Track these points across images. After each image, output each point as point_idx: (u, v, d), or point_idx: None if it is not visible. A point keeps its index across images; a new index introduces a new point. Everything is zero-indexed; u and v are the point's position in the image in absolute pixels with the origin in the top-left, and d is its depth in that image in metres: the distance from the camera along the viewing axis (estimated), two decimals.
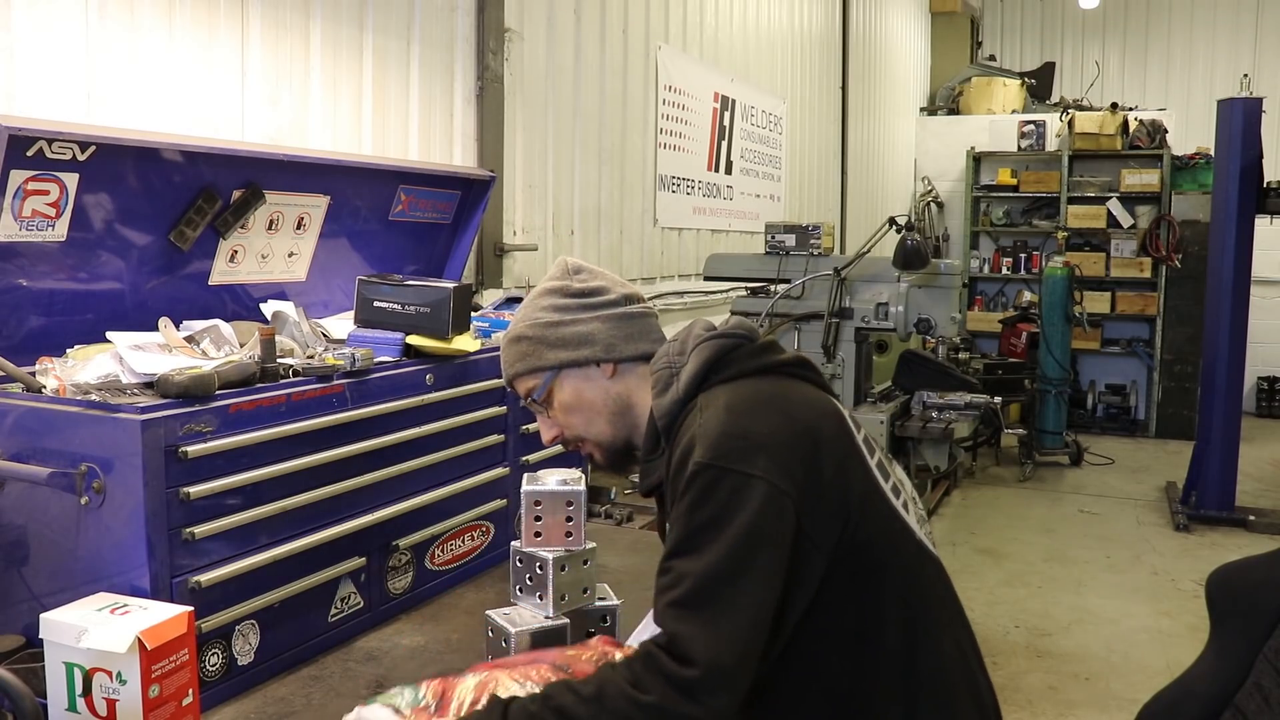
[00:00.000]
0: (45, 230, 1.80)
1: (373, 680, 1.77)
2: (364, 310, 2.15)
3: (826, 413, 1.42)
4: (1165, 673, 3.64)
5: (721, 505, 1.26)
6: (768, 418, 1.34)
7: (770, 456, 1.29)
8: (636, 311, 1.56)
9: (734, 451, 1.29)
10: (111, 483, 1.54)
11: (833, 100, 7.87)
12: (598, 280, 1.57)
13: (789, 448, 1.31)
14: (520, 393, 1.60)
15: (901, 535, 1.40)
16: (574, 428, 1.58)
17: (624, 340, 1.53)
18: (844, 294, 4.41)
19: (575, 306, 1.54)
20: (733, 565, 1.24)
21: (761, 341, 1.48)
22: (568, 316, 1.53)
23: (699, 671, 1.19)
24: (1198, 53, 10.93)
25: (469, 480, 2.24)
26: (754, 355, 1.45)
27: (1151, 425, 8.92)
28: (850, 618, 1.34)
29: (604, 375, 1.54)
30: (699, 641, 1.21)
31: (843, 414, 1.45)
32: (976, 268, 9.67)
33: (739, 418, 1.33)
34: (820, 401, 1.45)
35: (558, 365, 1.53)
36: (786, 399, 1.40)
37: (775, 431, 1.32)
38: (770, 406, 1.37)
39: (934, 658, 1.38)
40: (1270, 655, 1.31)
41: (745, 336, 1.47)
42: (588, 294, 1.55)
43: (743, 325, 1.50)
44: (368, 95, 2.86)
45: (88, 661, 1.38)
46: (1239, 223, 6.00)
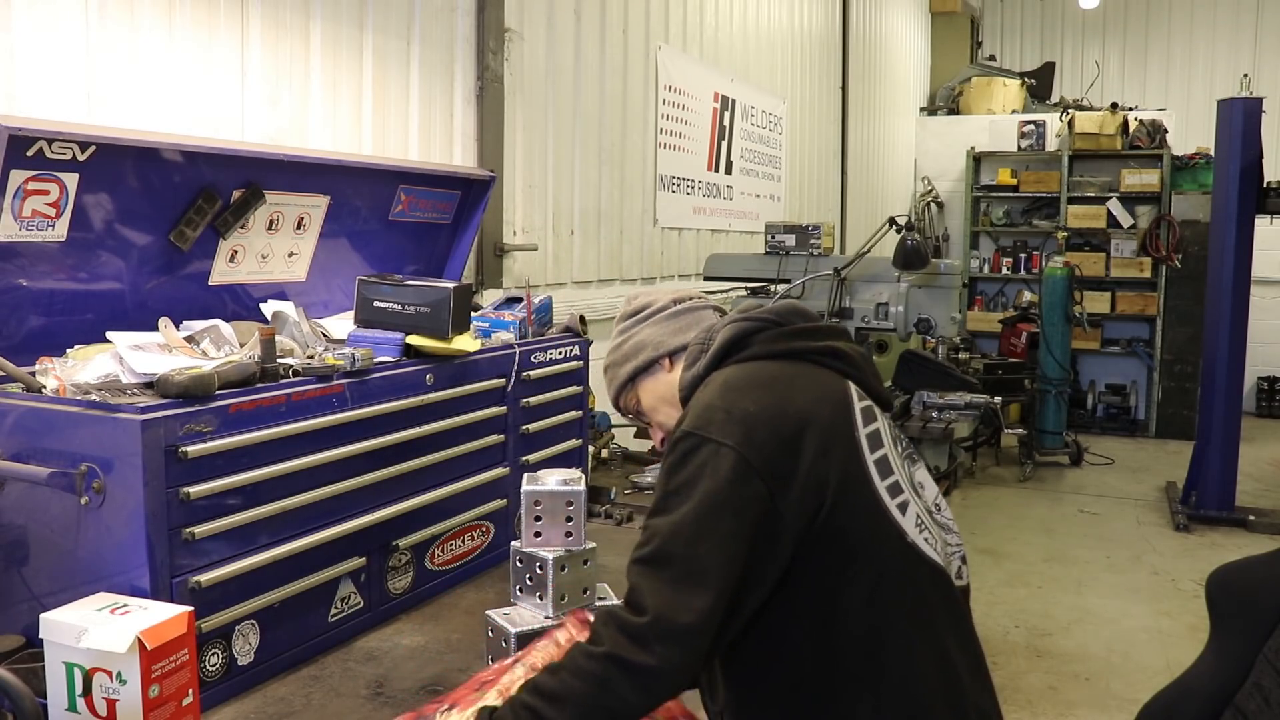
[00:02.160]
0: (45, 230, 1.80)
1: (373, 680, 1.77)
2: (364, 310, 2.15)
3: (832, 401, 1.44)
4: (1165, 672, 3.64)
5: (694, 471, 1.33)
6: (758, 396, 1.39)
7: (748, 431, 1.34)
8: (683, 309, 1.70)
9: (714, 423, 1.35)
10: (111, 483, 1.54)
11: (833, 100, 7.87)
12: (648, 299, 1.74)
13: (770, 425, 1.35)
14: (624, 412, 1.76)
15: (886, 533, 1.39)
16: (664, 424, 1.68)
17: (672, 334, 1.66)
18: (844, 294, 4.41)
19: (630, 325, 1.72)
20: (695, 528, 1.29)
21: (797, 326, 1.52)
22: (625, 335, 1.71)
23: (649, 619, 1.25)
24: (1198, 53, 10.93)
25: (469, 480, 2.24)
26: (775, 339, 1.50)
27: (1151, 425, 8.92)
28: (818, 602, 1.37)
29: (664, 370, 1.67)
30: (653, 594, 1.27)
31: (851, 405, 1.45)
32: (976, 268, 9.67)
33: (730, 393, 1.40)
34: (831, 389, 1.46)
35: (629, 376, 1.69)
36: (790, 382, 1.44)
37: (761, 409, 1.37)
38: (766, 387, 1.41)
39: (905, 662, 1.37)
40: (1270, 655, 1.31)
41: (771, 321, 1.53)
42: (638, 311, 1.72)
43: (783, 309, 1.56)
44: (368, 95, 2.86)
45: (88, 661, 1.38)
46: (1239, 223, 6.00)
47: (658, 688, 1.26)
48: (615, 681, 1.24)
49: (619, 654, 1.25)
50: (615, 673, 1.25)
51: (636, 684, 1.24)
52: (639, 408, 1.71)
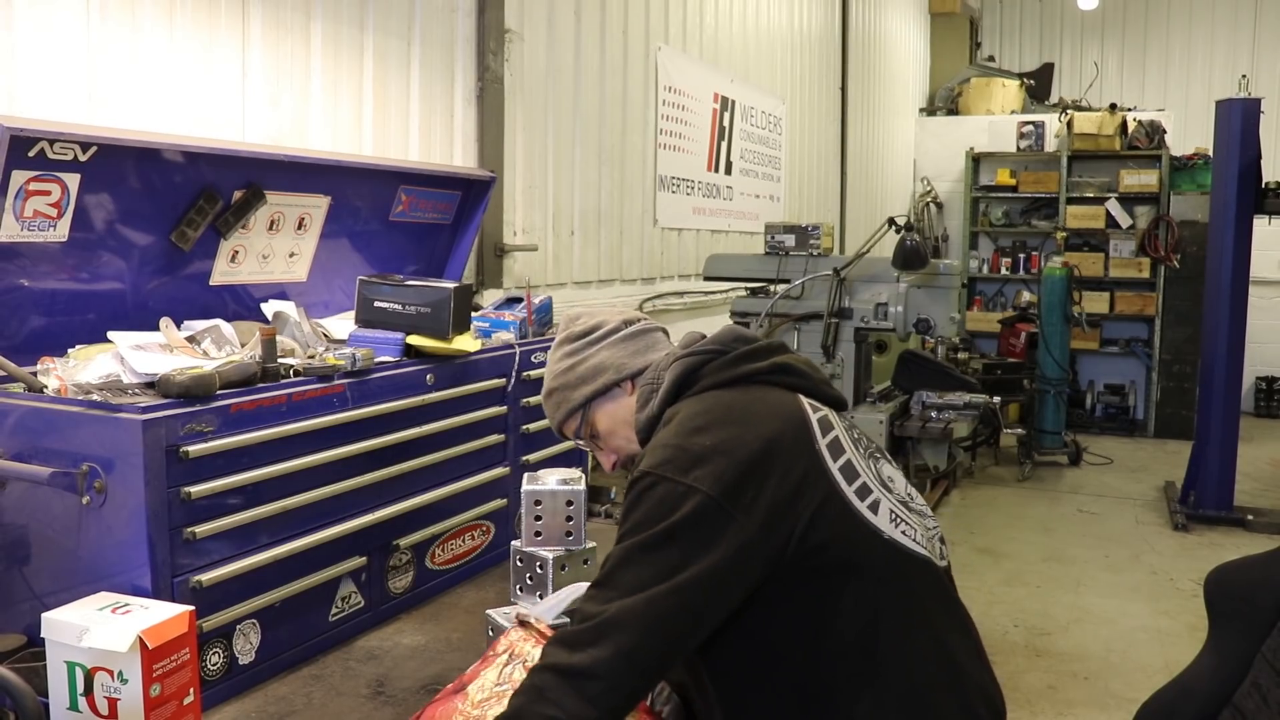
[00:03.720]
0: (47, 231, 1.80)
1: (373, 679, 1.78)
2: (365, 310, 2.15)
3: (788, 419, 1.44)
4: (1164, 672, 3.64)
5: (651, 509, 1.33)
6: (716, 430, 1.39)
7: (707, 467, 1.33)
8: (636, 330, 1.68)
9: (671, 462, 1.35)
10: (113, 482, 1.54)
11: (832, 100, 7.87)
12: (594, 319, 1.70)
13: (729, 457, 1.35)
14: (569, 437, 1.71)
15: (863, 536, 1.40)
16: (621, 448, 1.66)
17: (631, 357, 1.64)
18: (843, 294, 4.41)
19: (581, 346, 1.67)
20: (645, 556, 1.30)
21: (740, 351, 1.53)
22: (578, 357, 1.66)
23: (583, 625, 1.28)
24: (1196, 53, 10.94)
25: (469, 480, 2.25)
26: (723, 368, 1.51)
27: (1150, 425, 8.93)
28: (807, 613, 1.37)
29: (626, 393, 1.64)
30: (593, 606, 1.29)
31: (807, 419, 1.45)
32: (976, 268, 9.67)
33: (687, 432, 1.40)
34: (785, 408, 1.46)
35: (585, 400, 1.65)
36: (747, 409, 1.44)
37: (720, 443, 1.36)
38: (722, 418, 1.41)
39: (902, 655, 1.38)
40: (1268, 654, 1.31)
41: (716, 351, 1.53)
42: (588, 332, 1.68)
43: (723, 336, 1.56)
44: (368, 96, 2.86)
45: (89, 660, 1.39)
46: (1237, 223, 6.00)
47: (592, 689, 1.24)
48: (550, 689, 1.25)
49: (554, 661, 1.27)
50: (550, 678, 1.26)
51: (570, 687, 1.24)
52: (593, 432, 1.67)
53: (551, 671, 1.26)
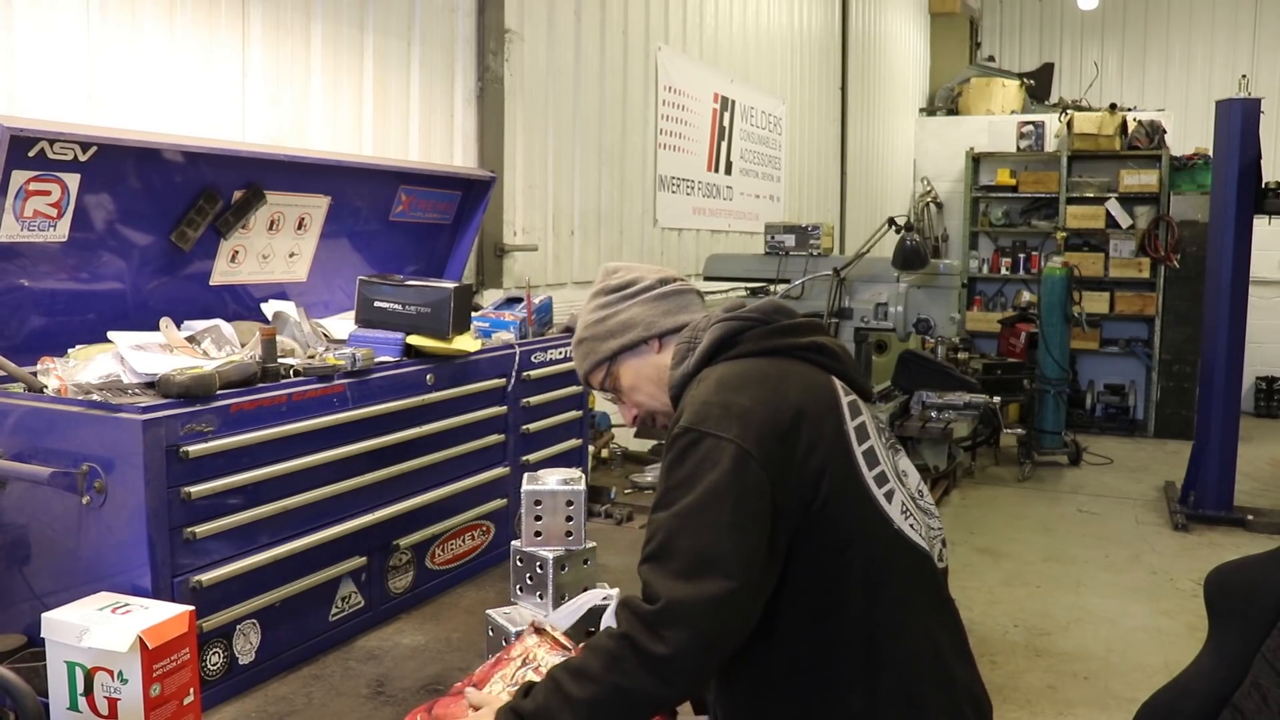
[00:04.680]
0: (47, 231, 1.80)
1: (373, 679, 1.78)
2: (365, 310, 2.15)
3: (820, 395, 1.47)
4: (1164, 672, 3.65)
5: (695, 465, 1.36)
6: (752, 392, 1.42)
7: (745, 425, 1.37)
8: (671, 290, 1.69)
9: (712, 418, 1.38)
10: (113, 482, 1.54)
11: (832, 101, 7.87)
12: (632, 274, 1.72)
13: (766, 419, 1.38)
14: (595, 387, 1.75)
15: (874, 521, 1.43)
16: (642, 404, 1.69)
17: (663, 316, 1.66)
18: (843, 294, 4.41)
19: (615, 300, 1.69)
20: (698, 519, 1.32)
21: (781, 324, 1.55)
22: (610, 310, 1.69)
23: (659, 606, 1.28)
24: (1196, 53, 10.94)
25: (469, 480, 2.25)
26: (763, 337, 1.53)
27: (1150, 425, 8.93)
28: (813, 592, 1.40)
29: (653, 351, 1.66)
30: (663, 583, 1.30)
31: (838, 399, 1.49)
32: (976, 268, 9.67)
33: (725, 390, 1.43)
34: (818, 384, 1.49)
35: (612, 353, 1.67)
36: (782, 378, 1.47)
37: (755, 404, 1.40)
38: (759, 383, 1.44)
39: (898, 644, 1.41)
40: (1268, 654, 1.31)
41: (759, 319, 1.55)
42: (624, 286, 1.70)
43: (765, 307, 1.58)
44: (368, 95, 2.86)
45: (89, 660, 1.39)
46: (1237, 223, 6.00)
47: (671, 674, 1.27)
48: (627, 663, 1.27)
49: (633, 636, 1.28)
50: (628, 654, 1.27)
51: (649, 669, 1.26)
52: (616, 385, 1.70)
53: (629, 645, 1.27)
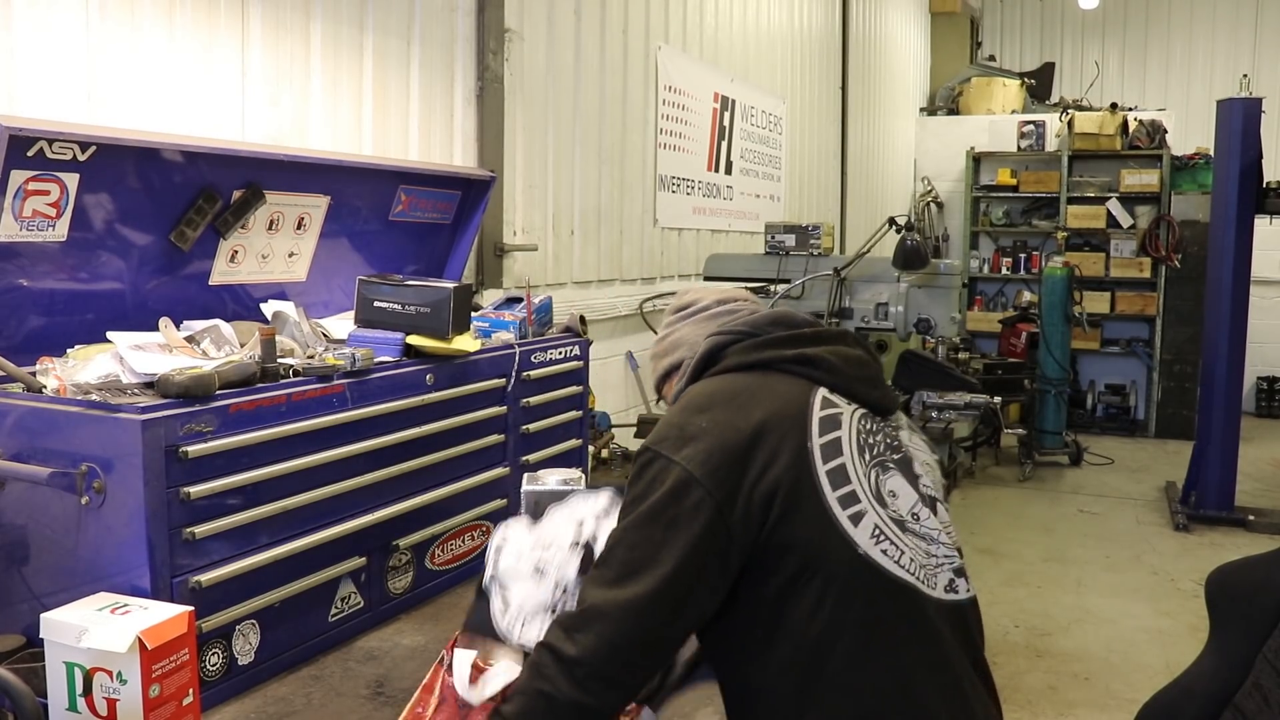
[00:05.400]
0: (46, 230, 1.80)
1: (373, 680, 1.77)
2: (364, 310, 2.15)
3: (788, 412, 1.43)
4: (1165, 672, 3.64)
5: (646, 484, 1.39)
6: (714, 413, 1.43)
7: (695, 447, 1.38)
8: (723, 310, 1.73)
9: (668, 439, 1.41)
10: (112, 483, 1.54)
11: (833, 100, 7.87)
12: (693, 295, 1.79)
13: (720, 441, 1.38)
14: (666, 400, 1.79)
15: (833, 544, 1.36)
16: None
17: (705, 336, 1.66)
18: (844, 294, 4.41)
19: (675, 320, 1.77)
20: (635, 534, 1.36)
21: (769, 336, 1.54)
22: (669, 330, 1.77)
23: (579, 610, 1.34)
24: (1197, 53, 10.93)
25: (469, 480, 2.24)
26: (747, 350, 1.54)
27: (1151, 425, 8.92)
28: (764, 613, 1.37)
29: None
30: (590, 589, 1.36)
31: (809, 414, 1.43)
32: (976, 268, 9.67)
33: (687, 411, 1.45)
34: (791, 400, 1.45)
35: (666, 370, 1.76)
36: (750, 395, 1.45)
37: (712, 425, 1.41)
38: (726, 402, 1.45)
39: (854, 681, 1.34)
40: (1270, 655, 1.31)
41: (746, 333, 1.55)
42: (684, 308, 1.77)
43: (760, 319, 1.59)
44: (368, 95, 2.86)
45: (88, 661, 1.38)
46: (1238, 223, 5.99)
47: (583, 677, 1.29)
48: (548, 668, 1.31)
49: (551, 641, 1.34)
50: (548, 659, 1.32)
51: (564, 672, 1.30)
52: (662, 397, 1.79)
53: (548, 651, 1.33)
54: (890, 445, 1.51)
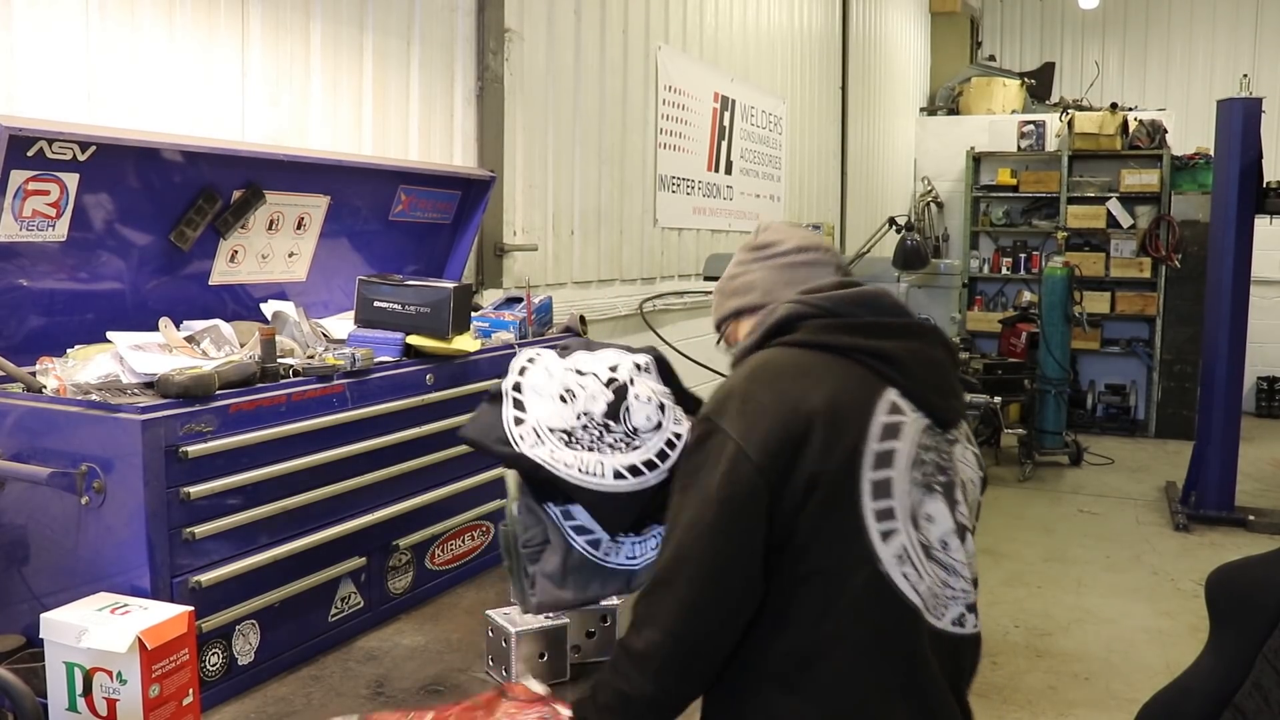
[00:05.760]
0: (45, 230, 1.80)
1: (373, 680, 1.77)
2: (364, 310, 2.15)
3: (852, 406, 1.38)
4: (1165, 672, 3.64)
5: (703, 457, 1.36)
6: (779, 388, 1.38)
7: (754, 424, 1.34)
8: (803, 260, 1.61)
9: (728, 411, 1.37)
10: (112, 483, 1.54)
11: (833, 100, 7.87)
12: (775, 235, 1.65)
13: (778, 421, 1.34)
14: (720, 335, 1.71)
15: (856, 555, 1.34)
16: None
17: (783, 285, 1.57)
18: None
19: (749, 259, 1.64)
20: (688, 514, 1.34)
21: (851, 320, 1.45)
22: (741, 269, 1.64)
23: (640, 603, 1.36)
24: (1197, 53, 10.93)
25: (469, 480, 2.24)
26: (824, 330, 1.45)
27: (1151, 425, 8.93)
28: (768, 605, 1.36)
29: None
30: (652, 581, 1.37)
31: (872, 416, 1.38)
32: (976, 268, 9.67)
33: (753, 381, 1.40)
34: (857, 396, 1.39)
35: (733, 311, 1.64)
36: (817, 378, 1.39)
37: (774, 402, 1.36)
38: (791, 379, 1.39)
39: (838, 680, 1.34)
40: (1269, 655, 1.31)
41: (828, 310, 1.46)
42: (762, 247, 1.64)
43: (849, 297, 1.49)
44: (368, 95, 2.86)
45: (88, 661, 1.38)
46: (1239, 223, 6.00)
47: (654, 671, 1.32)
48: (621, 663, 1.34)
49: (625, 638, 1.36)
50: (620, 654, 1.35)
51: (638, 666, 1.32)
52: (732, 341, 1.66)
53: (621, 647, 1.36)
54: (940, 466, 1.44)
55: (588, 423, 1.48)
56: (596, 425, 1.49)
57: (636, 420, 1.52)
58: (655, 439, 1.52)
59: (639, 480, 1.48)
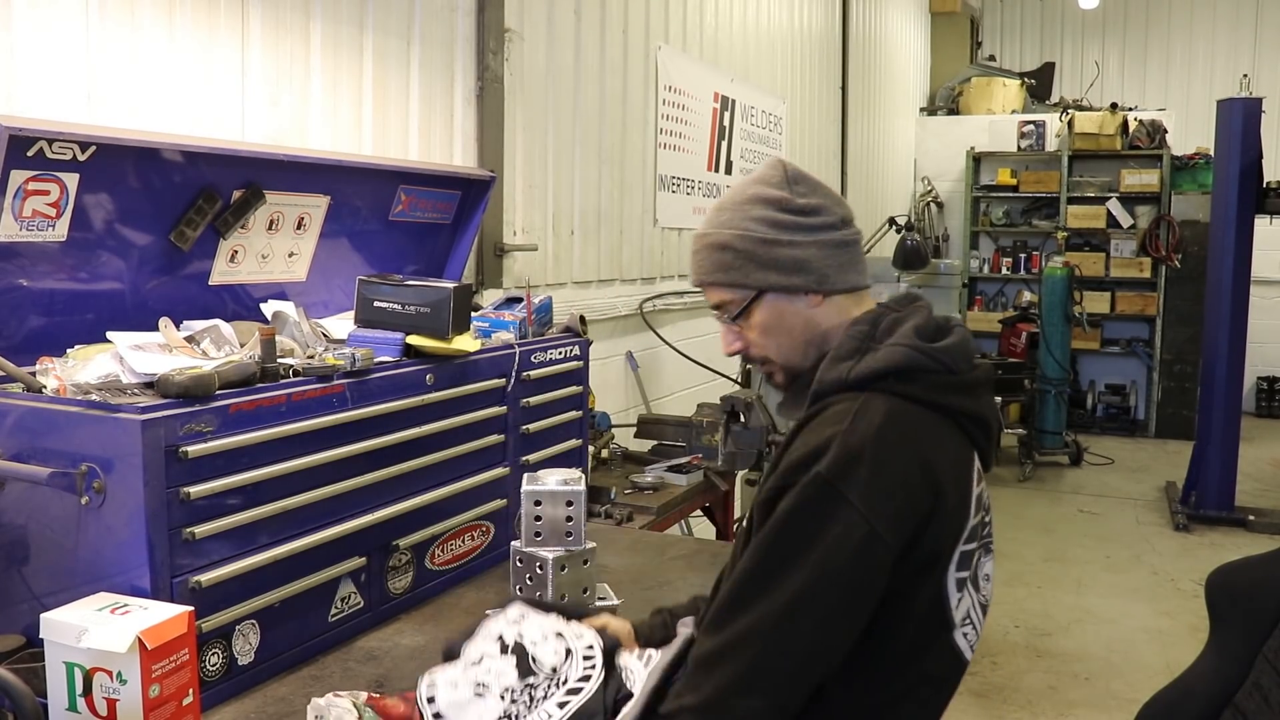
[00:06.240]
0: (45, 230, 1.80)
1: (373, 680, 1.77)
2: (364, 310, 2.15)
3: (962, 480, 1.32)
4: (1165, 672, 3.64)
5: (818, 526, 1.21)
6: (908, 456, 1.25)
7: (889, 501, 1.22)
8: (851, 238, 1.44)
9: (856, 480, 1.21)
10: (112, 483, 1.54)
11: (833, 100, 7.87)
12: (818, 196, 1.43)
13: (913, 497, 1.24)
14: (710, 300, 1.48)
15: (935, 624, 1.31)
16: (764, 349, 1.46)
17: (837, 270, 1.41)
18: None
19: (793, 225, 1.40)
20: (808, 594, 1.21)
21: (961, 379, 1.34)
22: (784, 236, 1.39)
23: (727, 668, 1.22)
24: (1197, 53, 10.94)
25: (469, 480, 2.24)
26: (939, 389, 1.32)
27: (1151, 425, 8.93)
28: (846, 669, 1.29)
29: (810, 304, 1.42)
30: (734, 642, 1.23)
31: (970, 491, 1.33)
32: (976, 268, 9.67)
33: (880, 447, 1.24)
34: (963, 467, 1.33)
35: (766, 288, 1.41)
36: (939, 446, 1.30)
37: (907, 474, 1.24)
38: (920, 447, 1.27)
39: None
40: (1270, 655, 1.31)
41: (946, 368, 1.33)
42: (808, 212, 1.40)
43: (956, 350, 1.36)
44: (368, 95, 2.86)
45: (88, 661, 1.38)
46: (1239, 223, 6.00)
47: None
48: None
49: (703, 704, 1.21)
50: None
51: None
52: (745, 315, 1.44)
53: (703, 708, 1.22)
54: (990, 519, 1.40)
55: (515, 696, 1.40)
56: (521, 694, 1.41)
57: (549, 661, 1.44)
58: (575, 664, 1.44)
59: (582, 695, 1.40)
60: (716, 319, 1.50)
